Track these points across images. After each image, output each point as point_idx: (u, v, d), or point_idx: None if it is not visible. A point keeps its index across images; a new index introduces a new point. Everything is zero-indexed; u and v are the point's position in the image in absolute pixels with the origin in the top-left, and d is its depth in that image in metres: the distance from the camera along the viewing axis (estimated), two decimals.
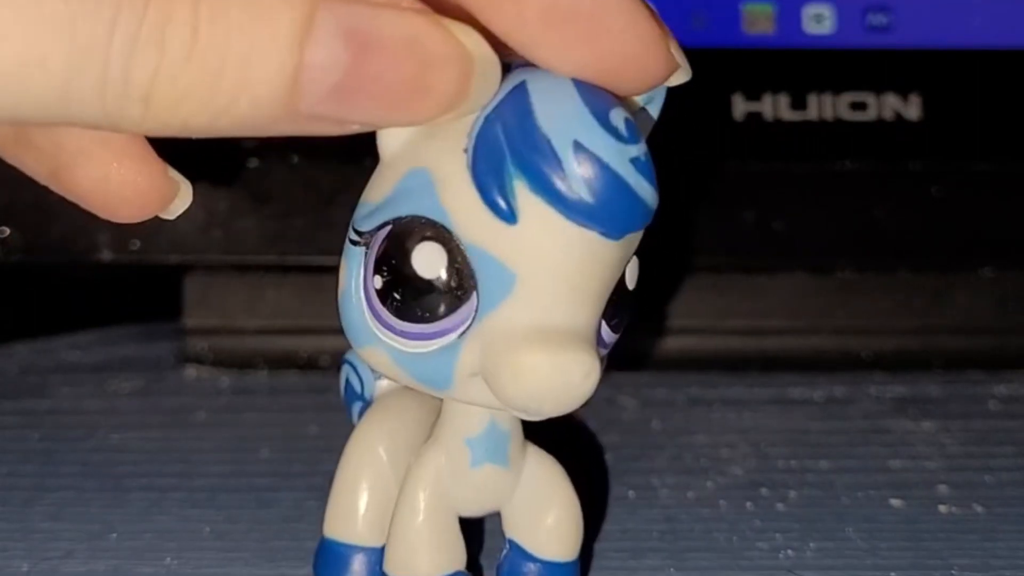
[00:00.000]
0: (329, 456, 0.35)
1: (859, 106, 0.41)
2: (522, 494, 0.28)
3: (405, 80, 0.22)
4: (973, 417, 0.39)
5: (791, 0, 0.42)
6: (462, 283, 0.24)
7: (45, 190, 0.40)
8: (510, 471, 0.27)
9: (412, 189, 0.24)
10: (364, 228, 0.25)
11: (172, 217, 0.27)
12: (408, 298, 0.24)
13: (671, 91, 0.25)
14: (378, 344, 0.25)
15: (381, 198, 0.25)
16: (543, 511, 0.28)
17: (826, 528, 0.32)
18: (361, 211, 0.25)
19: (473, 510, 0.28)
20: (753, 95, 0.41)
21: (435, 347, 0.25)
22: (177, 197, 0.26)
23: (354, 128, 0.23)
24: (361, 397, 0.30)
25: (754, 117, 0.41)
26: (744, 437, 0.37)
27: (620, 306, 0.25)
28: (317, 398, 0.39)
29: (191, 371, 0.41)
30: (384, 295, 0.25)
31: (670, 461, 0.36)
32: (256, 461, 0.36)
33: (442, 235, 0.24)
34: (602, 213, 0.23)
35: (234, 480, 0.34)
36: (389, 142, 0.25)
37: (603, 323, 0.25)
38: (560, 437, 0.37)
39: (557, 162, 0.23)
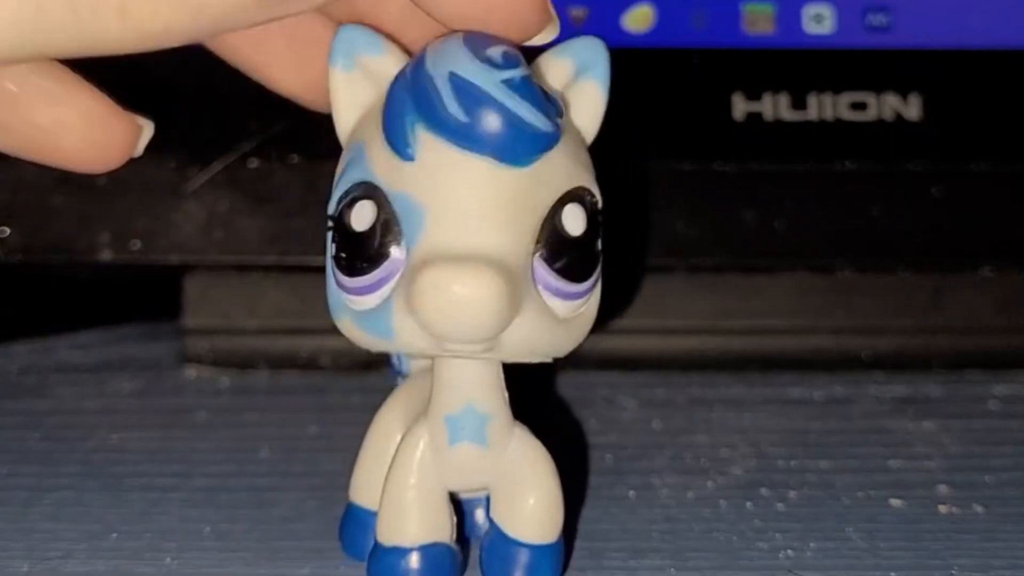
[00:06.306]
0: (329, 456, 0.35)
1: (859, 106, 0.41)
2: (505, 476, 0.28)
3: None
4: (973, 417, 0.39)
5: (791, 0, 0.42)
6: (390, 230, 0.26)
7: (45, 190, 0.40)
8: (489, 452, 0.28)
9: (352, 161, 0.27)
10: (329, 213, 0.27)
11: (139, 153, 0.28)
12: (351, 254, 0.26)
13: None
14: (345, 312, 0.27)
15: (335, 182, 0.27)
16: (523, 494, 0.28)
17: (826, 528, 0.32)
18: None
19: (459, 486, 0.29)
20: (753, 95, 0.41)
21: (379, 300, 0.26)
22: (140, 137, 0.27)
23: (319, 1, 0.24)
24: (400, 372, 0.32)
25: (754, 117, 0.41)
26: (744, 437, 0.37)
27: (560, 250, 0.26)
28: (317, 398, 0.39)
29: (191, 371, 0.41)
30: (337, 259, 0.27)
31: (670, 461, 0.36)
32: (256, 461, 0.36)
33: (371, 191, 0.26)
34: (483, 135, 0.25)
35: (234, 480, 0.34)
36: (342, 127, 0.28)
37: (542, 264, 0.26)
38: (561, 436, 0.37)
39: (437, 94, 0.25)
